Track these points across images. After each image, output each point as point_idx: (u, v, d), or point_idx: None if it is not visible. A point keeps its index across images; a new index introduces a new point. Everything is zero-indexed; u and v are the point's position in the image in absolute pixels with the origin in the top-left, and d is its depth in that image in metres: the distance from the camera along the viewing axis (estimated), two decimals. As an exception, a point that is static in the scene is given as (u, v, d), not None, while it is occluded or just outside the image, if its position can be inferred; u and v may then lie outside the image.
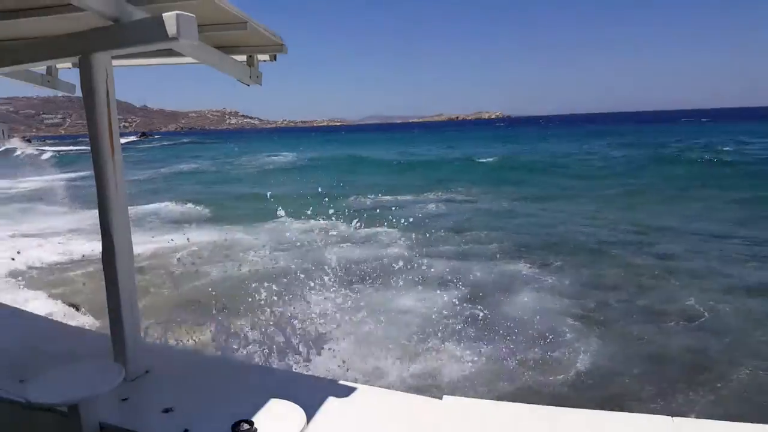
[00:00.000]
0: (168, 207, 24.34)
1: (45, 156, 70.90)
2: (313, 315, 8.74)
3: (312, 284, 10.87)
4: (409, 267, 12.79)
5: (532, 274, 12.31)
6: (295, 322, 7.46)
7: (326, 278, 10.02)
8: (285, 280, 11.54)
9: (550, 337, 8.56)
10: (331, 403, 3.25)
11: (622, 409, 6.19)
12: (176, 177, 43.59)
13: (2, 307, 6.01)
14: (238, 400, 2.91)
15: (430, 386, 6.98)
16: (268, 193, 23.78)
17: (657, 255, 13.59)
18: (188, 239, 16.15)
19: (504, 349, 8.08)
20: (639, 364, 7.75)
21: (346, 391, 3.40)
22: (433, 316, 9.48)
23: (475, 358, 7.74)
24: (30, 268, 13.91)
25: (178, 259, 13.53)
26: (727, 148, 45.91)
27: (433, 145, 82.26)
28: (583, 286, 11.39)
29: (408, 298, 10.60)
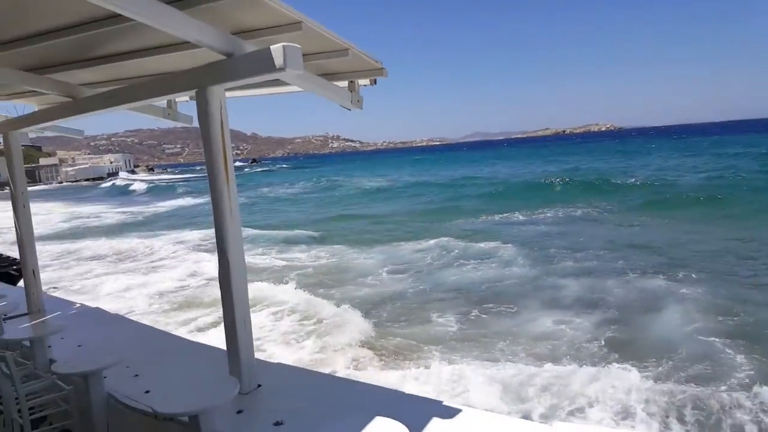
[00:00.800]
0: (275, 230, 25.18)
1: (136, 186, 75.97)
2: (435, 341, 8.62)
3: (433, 307, 10.76)
4: (535, 287, 12.33)
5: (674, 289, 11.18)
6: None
7: (448, 302, 9.91)
8: (399, 303, 11.60)
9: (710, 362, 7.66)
10: (436, 424, 3.23)
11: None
12: (278, 201, 45.05)
13: (126, 321, 6.52)
14: (344, 417, 2.97)
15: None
16: (374, 213, 24.14)
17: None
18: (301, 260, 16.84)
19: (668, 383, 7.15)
20: None
21: (452, 413, 3.36)
22: (577, 342, 8.66)
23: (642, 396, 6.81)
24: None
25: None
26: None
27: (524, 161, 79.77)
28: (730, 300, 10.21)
29: (541, 323, 9.88)
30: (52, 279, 15.76)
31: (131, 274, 16.45)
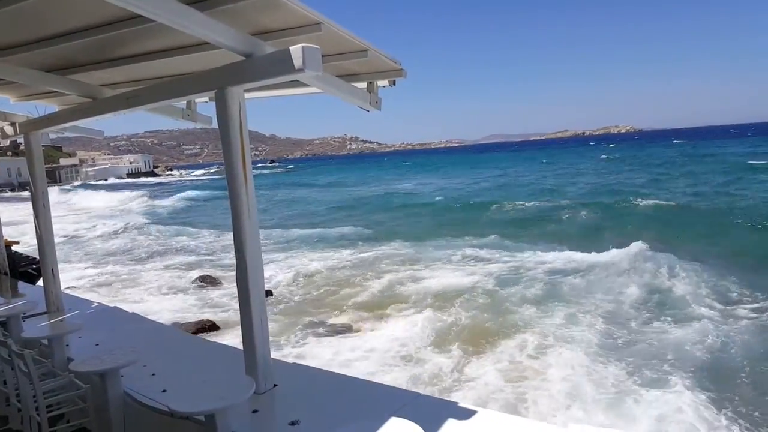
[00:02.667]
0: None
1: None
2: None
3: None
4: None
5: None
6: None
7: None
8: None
9: None
10: (451, 425, 3.21)
11: None
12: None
13: (143, 321, 6.56)
14: (360, 418, 2.96)
15: None
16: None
17: None
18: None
19: None
20: None
21: (467, 414, 3.34)
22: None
23: None
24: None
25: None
26: None
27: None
28: None
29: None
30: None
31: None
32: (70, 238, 27.11)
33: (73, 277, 16.68)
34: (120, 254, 21.81)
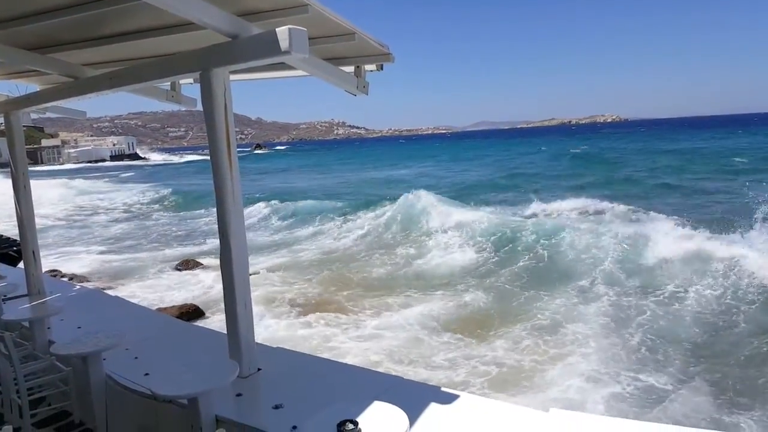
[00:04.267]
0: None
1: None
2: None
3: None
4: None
5: None
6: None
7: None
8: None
9: None
10: (434, 410, 3.24)
11: None
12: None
13: (126, 304, 6.52)
14: (343, 401, 2.97)
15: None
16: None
17: None
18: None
19: None
20: None
21: (449, 399, 3.37)
22: None
23: None
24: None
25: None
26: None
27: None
28: None
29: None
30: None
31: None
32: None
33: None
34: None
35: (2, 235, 12.12)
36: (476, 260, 14.79)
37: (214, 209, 3.84)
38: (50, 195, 38.42)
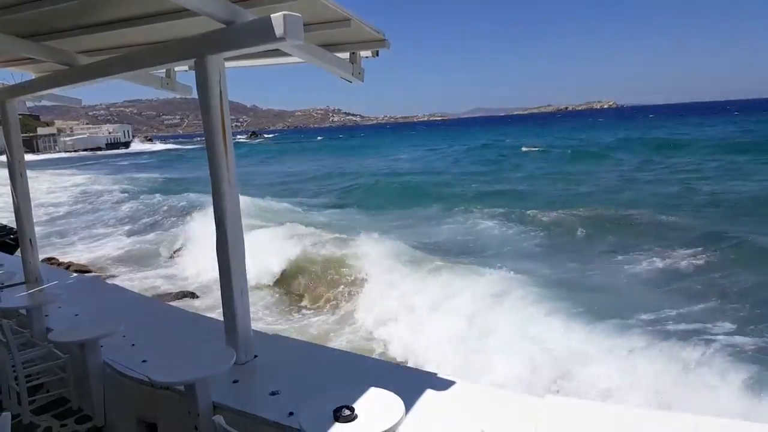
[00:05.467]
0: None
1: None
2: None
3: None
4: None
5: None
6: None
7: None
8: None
9: None
10: (430, 396, 3.27)
11: None
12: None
13: (123, 291, 6.53)
14: (339, 387, 2.99)
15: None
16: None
17: None
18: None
19: None
20: None
21: (445, 385, 3.40)
22: None
23: None
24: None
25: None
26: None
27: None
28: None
29: None
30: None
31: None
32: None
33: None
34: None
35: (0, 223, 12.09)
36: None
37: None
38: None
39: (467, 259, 12.14)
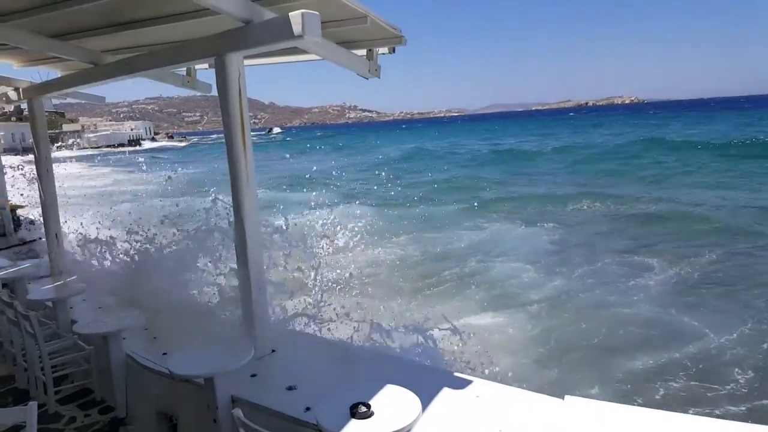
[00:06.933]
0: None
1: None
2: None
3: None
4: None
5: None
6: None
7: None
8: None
9: None
10: (447, 394, 3.26)
11: None
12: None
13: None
14: (356, 383, 3.00)
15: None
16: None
17: None
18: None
19: None
20: None
21: (462, 384, 3.38)
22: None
23: None
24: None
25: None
26: None
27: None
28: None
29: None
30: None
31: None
32: None
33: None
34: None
35: (27, 218, 12.35)
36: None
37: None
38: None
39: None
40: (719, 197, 19.25)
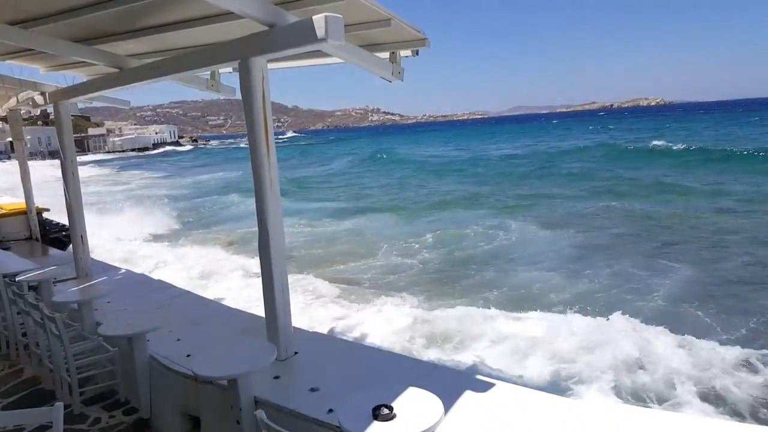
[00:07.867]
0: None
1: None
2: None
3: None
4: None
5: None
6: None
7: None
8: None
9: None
10: (469, 397, 3.24)
11: None
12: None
13: (169, 287, 6.70)
14: (378, 386, 3.00)
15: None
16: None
17: None
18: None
19: None
20: None
21: (484, 387, 3.36)
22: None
23: None
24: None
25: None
26: None
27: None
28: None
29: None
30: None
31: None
32: None
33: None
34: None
35: (53, 221, 12.55)
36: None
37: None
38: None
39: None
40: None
